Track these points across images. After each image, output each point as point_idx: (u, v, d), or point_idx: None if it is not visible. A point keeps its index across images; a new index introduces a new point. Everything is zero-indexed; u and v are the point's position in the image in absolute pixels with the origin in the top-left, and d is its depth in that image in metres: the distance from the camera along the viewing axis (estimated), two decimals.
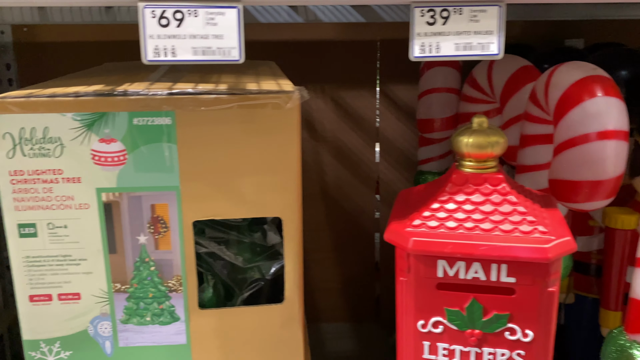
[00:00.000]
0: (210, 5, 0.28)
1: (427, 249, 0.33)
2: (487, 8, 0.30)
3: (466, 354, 0.35)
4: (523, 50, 0.89)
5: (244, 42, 0.29)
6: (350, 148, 1.08)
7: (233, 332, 0.38)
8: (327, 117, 1.05)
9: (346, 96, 1.06)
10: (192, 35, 0.29)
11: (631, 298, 0.40)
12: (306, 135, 1.05)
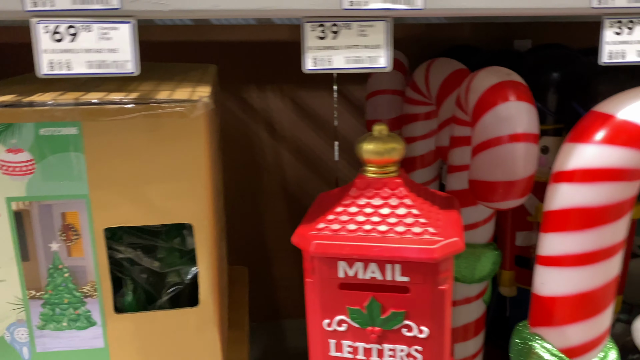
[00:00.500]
0: (104, 21, 0.29)
1: (328, 251, 0.35)
2: (375, 23, 0.32)
3: (369, 350, 0.37)
4: (470, 52, 0.92)
5: (138, 55, 0.30)
6: (309, 147, 1.10)
7: (150, 336, 0.39)
8: (286, 117, 1.07)
9: (304, 96, 1.07)
10: (87, 49, 0.30)
11: (532, 293, 0.42)
12: (266, 135, 1.07)
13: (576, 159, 0.38)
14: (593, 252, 0.39)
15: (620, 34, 0.35)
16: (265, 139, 1.06)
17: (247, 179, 1.08)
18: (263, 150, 1.09)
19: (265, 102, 1.06)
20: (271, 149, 1.08)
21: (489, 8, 0.32)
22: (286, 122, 1.07)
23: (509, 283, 0.74)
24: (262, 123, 1.06)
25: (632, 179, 0.37)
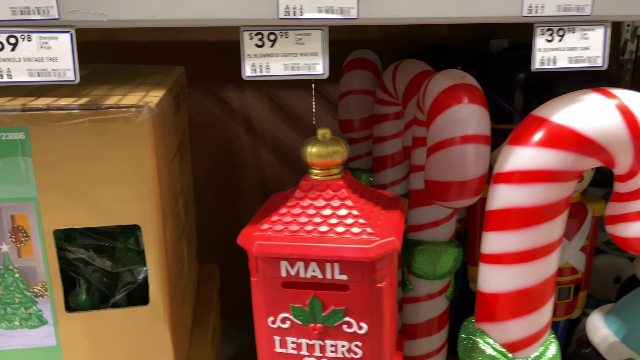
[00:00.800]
0: (43, 31, 0.30)
1: (270, 251, 0.36)
2: (311, 32, 0.33)
3: (311, 346, 0.38)
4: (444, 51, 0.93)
5: (77, 63, 0.31)
6: (287, 145, 1.11)
7: (102, 334, 0.40)
8: (264, 116, 1.08)
9: (282, 95, 1.08)
10: (27, 58, 0.30)
11: (477, 290, 0.44)
12: (245, 134, 1.08)
13: (513, 161, 0.39)
14: (531, 250, 0.40)
15: (552, 41, 0.36)
16: (244, 138, 1.07)
17: (226, 177, 1.09)
18: (242, 148, 1.10)
19: (243, 101, 1.07)
20: (250, 148, 1.09)
21: (419, 17, 0.34)
22: (264, 121, 1.08)
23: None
24: (240, 122, 1.07)
25: (566, 180, 0.39)
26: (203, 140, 1.03)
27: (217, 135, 1.04)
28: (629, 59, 1.11)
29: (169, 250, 0.42)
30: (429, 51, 0.95)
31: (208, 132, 1.06)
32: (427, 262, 0.63)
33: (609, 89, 0.39)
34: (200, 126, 1.10)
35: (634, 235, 0.40)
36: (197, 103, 1.05)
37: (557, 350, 0.43)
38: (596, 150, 0.38)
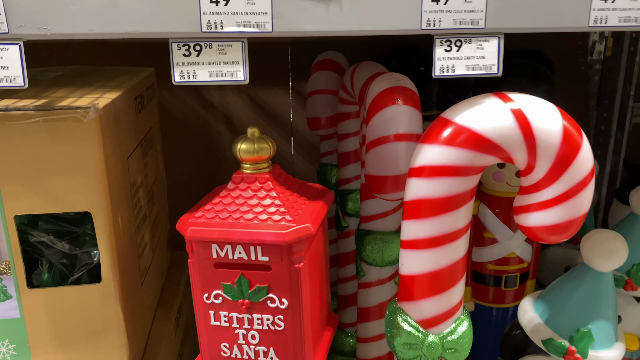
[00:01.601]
0: None
1: (201, 235, 0.41)
2: (232, 43, 0.38)
3: (241, 319, 0.43)
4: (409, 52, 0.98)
5: (26, 70, 0.36)
6: None
7: (61, 308, 0.45)
8: (244, 113, 1.13)
9: (261, 93, 1.13)
10: None
11: (398, 273, 0.48)
12: (225, 130, 1.13)
13: (423, 157, 0.44)
14: (439, 236, 0.45)
15: (450, 51, 0.41)
16: (225, 134, 1.12)
17: (208, 171, 1.14)
18: (223, 144, 1.15)
19: (224, 99, 1.12)
20: (230, 143, 1.13)
21: (327, 30, 0.38)
22: (244, 118, 1.13)
23: (466, 298, 0.79)
24: (221, 119, 1.12)
25: (468, 175, 0.43)
26: (186, 136, 1.08)
27: (200, 131, 1.09)
28: (598, 59, 1.14)
29: (121, 235, 0.47)
30: (398, 52, 0.99)
31: (191, 128, 1.11)
32: (376, 250, 0.68)
33: (507, 93, 0.43)
34: (183, 123, 1.15)
35: (534, 224, 0.44)
36: (181, 102, 1.10)
37: (468, 328, 0.48)
38: (493, 149, 0.42)
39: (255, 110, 1.13)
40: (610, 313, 0.57)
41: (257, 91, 1.12)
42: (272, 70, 1.09)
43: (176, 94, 1.10)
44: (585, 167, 0.42)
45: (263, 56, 1.08)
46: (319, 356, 0.46)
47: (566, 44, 1.13)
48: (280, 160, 1.15)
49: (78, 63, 0.77)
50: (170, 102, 1.16)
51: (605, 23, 0.41)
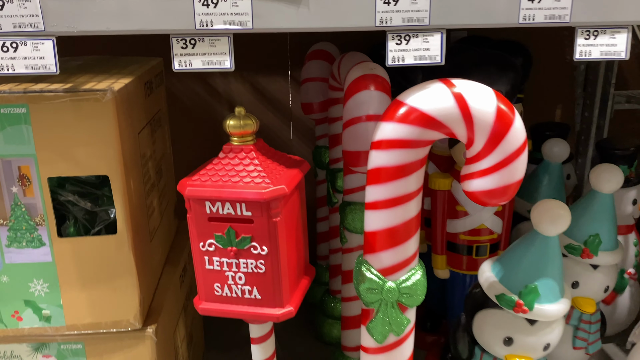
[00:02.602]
0: (34, 38, 0.45)
1: (197, 194, 0.51)
2: (220, 38, 0.47)
3: (230, 264, 0.53)
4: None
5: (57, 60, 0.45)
6: (267, 126, 1.26)
7: (84, 254, 0.55)
8: (246, 99, 1.22)
9: (262, 81, 1.23)
10: (24, 57, 0.45)
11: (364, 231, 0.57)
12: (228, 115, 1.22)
13: (381, 132, 0.52)
14: (394, 198, 0.53)
15: (400, 44, 0.49)
16: None
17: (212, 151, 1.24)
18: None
19: (228, 86, 1.21)
20: None
21: (298, 27, 0.47)
22: (247, 104, 1.22)
23: (441, 266, 0.88)
24: (225, 105, 1.21)
25: (417, 147, 0.52)
26: (193, 120, 1.18)
27: (205, 116, 1.19)
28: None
29: (133, 196, 0.57)
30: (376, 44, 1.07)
31: (197, 113, 1.21)
32: (357, 219, 0.77)
33: (450, 80, 0.51)
34: (190, 108, 1.25)
35: (476, 189, 0.53)
36: (188, 89, 1.20)
37: (422, 277, 0.57)
38: (438, 125, 0.51)
39: (256, 96, 1.22)
40: (555, 272, 0.65)
41: (259, 79, 1.21)
42: (272, 60, 1.18)
43: (184, 82, 1.20)
44: (517, 141, 0.51)
45: (264, 47, 1.17)
46: (295, 297, 0.55)
47: (553, 34, 1.19)
48: (280, 143, 1.24)
49: (99, 53, 0.87)
50: (179, 89, 1.26)
51: (533, 20, 0.49)
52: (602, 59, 0.52)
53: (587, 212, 0.79)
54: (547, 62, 1.20)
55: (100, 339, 0.58)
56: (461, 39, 1.07)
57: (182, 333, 0.74)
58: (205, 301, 0.55)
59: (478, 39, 1.06)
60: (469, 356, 0.72)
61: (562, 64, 1.22)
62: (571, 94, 1.23)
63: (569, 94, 1.23)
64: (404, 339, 0.58)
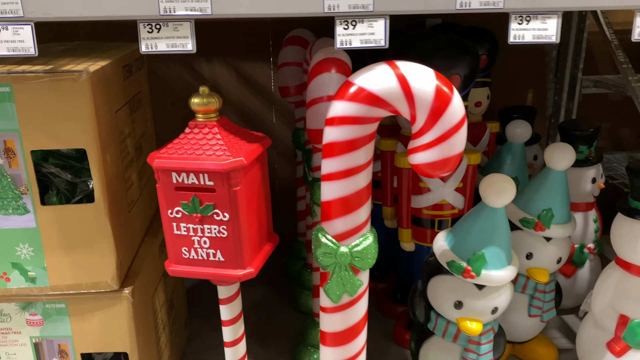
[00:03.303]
0: (15, 23, 0.50)
1: (163, 166, 0.56)
2: (183, 23, 0.52)
3: (195, 229, 0.58)
4: None
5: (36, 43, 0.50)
6: (251, 109, 1.31)
7: (65, 221, 0.61)
8: (230, 84, 1.27)
9: (246, 67, 1.27)
10: (6, 40, 0.50)
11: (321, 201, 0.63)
12: None
13: (333, 110, 0.57)
14: (345, 170, 0.59)
15: (347, 29, 0.54)
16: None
17: None
18: None
19: (213, 72, 1.26)
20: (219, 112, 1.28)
21: (254, 13, 0.52)
22: (231, 89, 1.27)
23: (407, 239, 0.94)
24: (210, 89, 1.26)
25: (365, 123, 0.57)
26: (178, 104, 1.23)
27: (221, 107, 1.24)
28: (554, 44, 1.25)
29: (109, 168, 0.62)
30: None
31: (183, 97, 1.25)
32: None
33: (394, 62, 0.56)
34: (176, 92, 1.29)
35: (419, 162, 0.58)
36: (175, 73, 1.25)
37: (372, 242, 0.62)
38: (383, 104, 0.56)
39: (240, 81, 1.27)
40: (502, 242, 0.71)
41: (243, 65, 1.26)
42: (255, 47, 1.23)
43: (172, 67, 1.25)
44: (455, 117, 0.56)
45: (248, 34, 1.21)
46: (257, 260, 0.61)
47: None
48: (263, 125, 1.29)
49: (89, 39, 0.92)
50: (166, 73, 1.31)
51: (469, 6, 0.54)
52: (534, 42, 0.57)
53: (541, 188, 0.84)
54: (520, 48, 1.24)
55: (82, 299, 0.64)
56: (435, 25, 1.11)
57: (162, 299, 0.80)
58: (175, 264, 0.60)
59: (450, 25, 1.11)
60: (425, 320, 0.78)
61: (535, 50, 1.27)
62: (543, 79, 1.28)
63: (541, 78, 1.28)
64: (358, 299, 0.64)
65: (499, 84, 1.25)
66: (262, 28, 1.22)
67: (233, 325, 0.67)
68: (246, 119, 1.29)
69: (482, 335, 0.73)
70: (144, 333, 0.71)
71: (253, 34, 1.22)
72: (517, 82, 1.29)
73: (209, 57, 1.24)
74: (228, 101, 1.27)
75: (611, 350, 0.80)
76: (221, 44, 1.22)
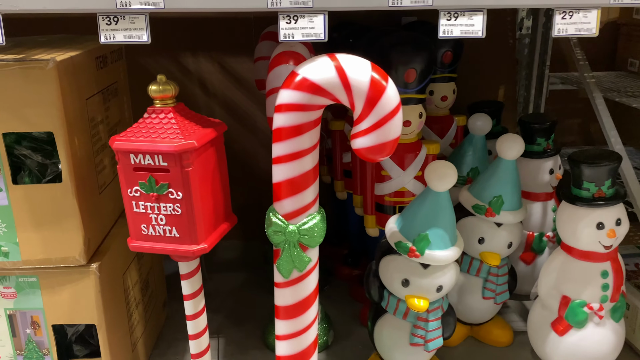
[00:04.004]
0: None
1: (121, 147, 0.61)
2: (138, 16, 0.57)
3: (152, 207, 0.63)
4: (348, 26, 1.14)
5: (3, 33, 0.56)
6: (235, 102, 1.36)
7: (36, 199, 0.66)
8: (215, 78, 1.32)
9: (230, 61, 1.32)
10: None
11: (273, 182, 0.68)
12: (200, 93, 1.32)
13: (280, 98, 0.62)
14: (292, 153, 0.63)
15: (290, 23, 0.59)
16: (199, 96, 1.32)
17: None
18: (198, 104, 1.35)
19: (198, 66, 1.31)
20: (204, 104, 1.33)
21: (204, 8, 0.57)
22: (216, 82, 1.32)
23: (371, 225, 0.98)
24: (196, 83, 1.31)
25: (308, 110, 0.62)
26: None
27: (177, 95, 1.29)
28: (526, 33, 1.29)
29: (77, 151, 0.67)
30: (344, 26, 1.17)
31: None
32: None
33: (334, 54, 0.61)
34: None
35: (359, 146, 0.63)
36: (161, 67, 1.30)
37: (319, 221, 0.67)
38: (323, 92, 0.60)
39: (225, 75, 1.32)
40: (446, 224, 0.75)
41: (227, 59, 1.31)
42: (239, 41, 1.28)
43: (159, 61, 1.30)
44: (390, 105, 0.60)
45: (231, 30, 1.26)
46: (211, 237, 0.66)
47: (497, 21, 1.28)
48: (246, 118, 1.34)
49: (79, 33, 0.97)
50: (154, 67, 1.36)
51: (400, 4, 0.59)
52: (461, 37, 0.61)
53: (493, 177, 0.89)
54: (492, 46, 1.29)
55: (52, 273, 0.70)
56: (409, 23, 1.16)
57: (135, 277, 0.85)
58: (135, 240, 0.66)
59: (422, 23, 1.15)
60: (379, 299, 0.82)
61: (505, 47, 1.31)
62: (514, 76, 1.32)
63: (512, 75, 1.32)
64: (307, 274, 0.69)
65: (472, 79, 1.30)
66: (245, 24, 1.27)
67: (194, 299, 0.72)
68: (230, 111, 1.34)
69: (429, 313, 0.78)
70: (113, 307, 0.76)
71: (236, 30, 1.27)
72: (491, 78, 1.33)
73: (194, 52, 1.29)
74: (213, 94, 1.32)
75: (555, 330, 0.85)
76: (206, 39, 1.27)
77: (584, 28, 0.63)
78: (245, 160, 1.39)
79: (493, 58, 1.32)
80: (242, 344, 0.97)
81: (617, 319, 0.84)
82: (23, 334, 0.72)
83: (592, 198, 0.80)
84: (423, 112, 0.89)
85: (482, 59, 1.31)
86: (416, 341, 0.79)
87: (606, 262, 0.82)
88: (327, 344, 0.96)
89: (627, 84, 1.15)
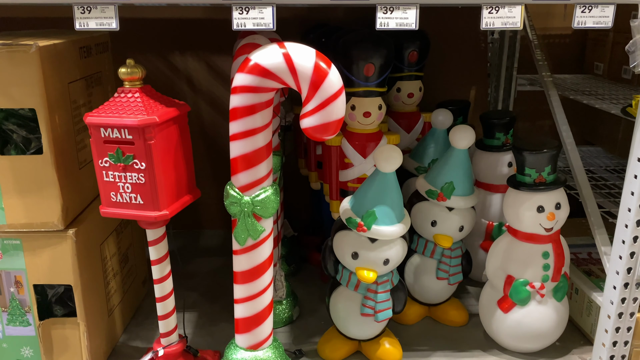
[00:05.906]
0: None
1: (92, 122, 0.69)
2: (109, 6, 0.65)
3: (120, 176, 0.71)
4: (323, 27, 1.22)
5: None
6: (220, 98, 1.44)
7: (20, 169, 0.75)
8: (202, 76, 1.41)
9: (216, 59, 1.41)
10: None
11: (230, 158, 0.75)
12: (187, 89, 1.41)
13: (235, 81, 0.70)
14: (245, 131, 0.71)
15: (242, 13, 0.67)
16: (187, 92, 1.40)
17: None
18: (185, 100, 1.42)
19: (185, 64, 1.40)
20: (191, 100, 1.42)
21: (166, 2, 0.65)
22: (202, 80, 1.41)
23: (336, 209, 1.05)
24: (183, 80, 1.40)
25: (259, 92, 0.69)
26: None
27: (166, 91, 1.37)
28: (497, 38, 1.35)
29: (57, 127, 0.76)
30: (318, 27, 1.24)
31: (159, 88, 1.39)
32: None
33: (283, 42, 0.69)
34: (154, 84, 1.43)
35: (306, 126, 0.70)
36: (152, 65, 1.39)
37: (271, 194, 0.74)
38: (272, 76, 0.68)
39: (211, 74, 1.41)
40: (392, 202, 0.82)
41: (213, 58, 1.39)
42: (225, 42, 1.36)
43: (150, 60, 1.39)
44: (332, 88, 0.68)
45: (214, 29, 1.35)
46: (173, 206, 0.73)
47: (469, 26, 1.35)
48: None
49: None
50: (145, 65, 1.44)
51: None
52: (397, 29, 0.68)
53: (446, 164, 0.95)
54: (466, 49, 1.36)
55: (33, 237, 0.78)
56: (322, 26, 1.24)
57: (113, 249, 0.93)
58: (106, 206, 0.73)
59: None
60: (334, 272, 0.89)
61: (477, 51, 1.38)
62: (485, 78, 1.39)
63: (483, 77, 1.39)
64: (261, 242, 0.76)
65: (445, 80, 1.37)
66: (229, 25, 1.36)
67: (160, 264, 0.79)
68: (215, 106, 1.42)
69: (378, 285, 0.85)
70: (89, 272, 0.84)
71: (221, 29, 1.35)
72: (462, 78, 1.40)
73: (182, 51, 1.38)
74: (199, 90, 1.41)
75: (500, 307, 0.90)
76: (193, 40, 1.36)
77: (510, 22, 0.70)
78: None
79: (466, 60, 1.39)
80: (214, 316, 1.04)
81: (559, 299, 0.90)
82: (7, 292, 0.80)
83: (533, 183, 0.86)
84: (382, 104, 0.96)
85: (455, 61, 1.38)
86: (366, 311, 0.86)
87: (548, 244, 0.88)
88: (291, 318, 1.03)
89: (591, 85, 1.21)
